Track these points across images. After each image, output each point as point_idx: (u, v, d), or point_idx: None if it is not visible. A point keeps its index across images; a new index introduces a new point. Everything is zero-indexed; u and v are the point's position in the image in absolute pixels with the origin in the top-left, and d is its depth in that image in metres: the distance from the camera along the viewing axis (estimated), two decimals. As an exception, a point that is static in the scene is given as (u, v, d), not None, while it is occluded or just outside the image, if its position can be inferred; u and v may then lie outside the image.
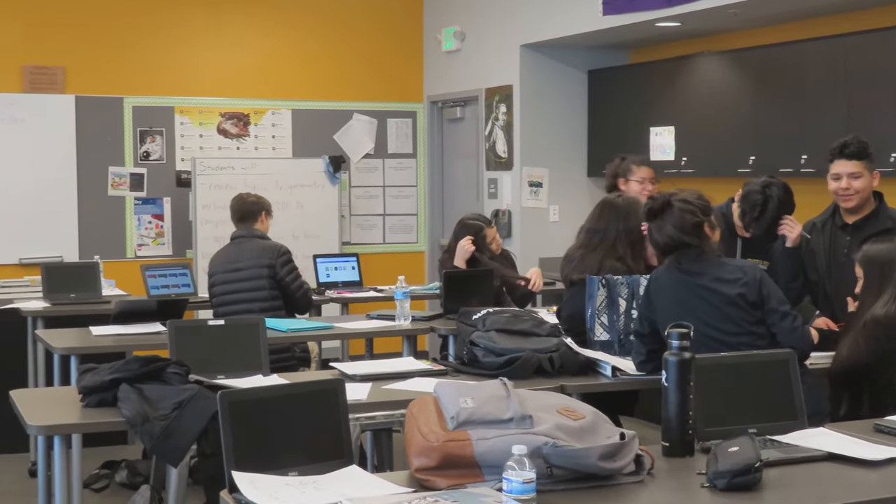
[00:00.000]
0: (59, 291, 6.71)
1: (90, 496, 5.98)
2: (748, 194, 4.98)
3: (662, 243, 4.15)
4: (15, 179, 8.69)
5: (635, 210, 4.81)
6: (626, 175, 6.19)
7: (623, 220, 4.89)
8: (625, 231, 4.88)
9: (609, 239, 4.90)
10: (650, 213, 4.17)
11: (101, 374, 3.75)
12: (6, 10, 8.70)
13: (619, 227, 4.89)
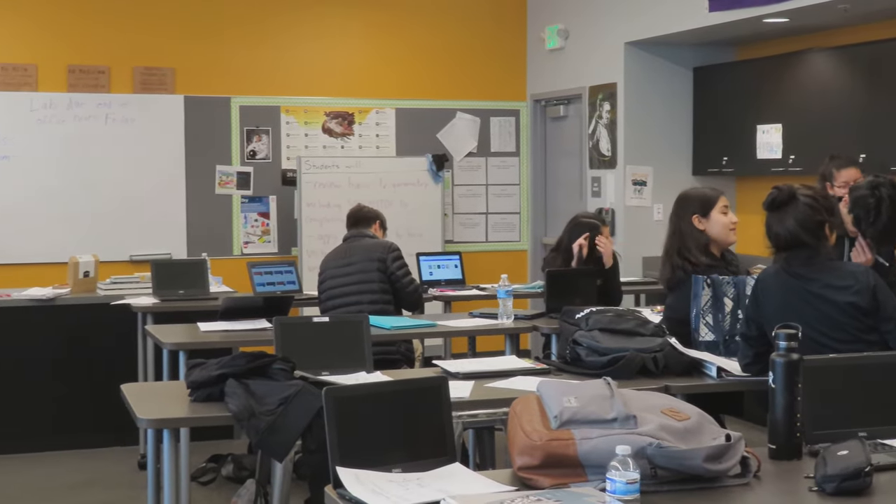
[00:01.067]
0: (168, 288, 6.84)
1: (197, 489, 6.08)
2: (858, 200, 4.79)
3: (781, 237, 4.04)
4: (126, 178, 8.89)
5: (706, 194, 4.85)
6: (830, 180, 5.85)
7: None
8: None
9: (687, 231, 4.91)
10: (773, 203, 4.06)
11: (208, 370, 3.80)
12: (119, 14, 8.91)
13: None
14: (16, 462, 6.79)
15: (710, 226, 4.95)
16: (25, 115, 8.69)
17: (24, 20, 8.72)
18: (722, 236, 4.98)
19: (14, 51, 8.69)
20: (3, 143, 8.65)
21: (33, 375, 7.00)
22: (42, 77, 8.75)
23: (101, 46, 8.86)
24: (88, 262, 7.18)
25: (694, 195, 5.10)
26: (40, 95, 8.73)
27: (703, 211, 4.98)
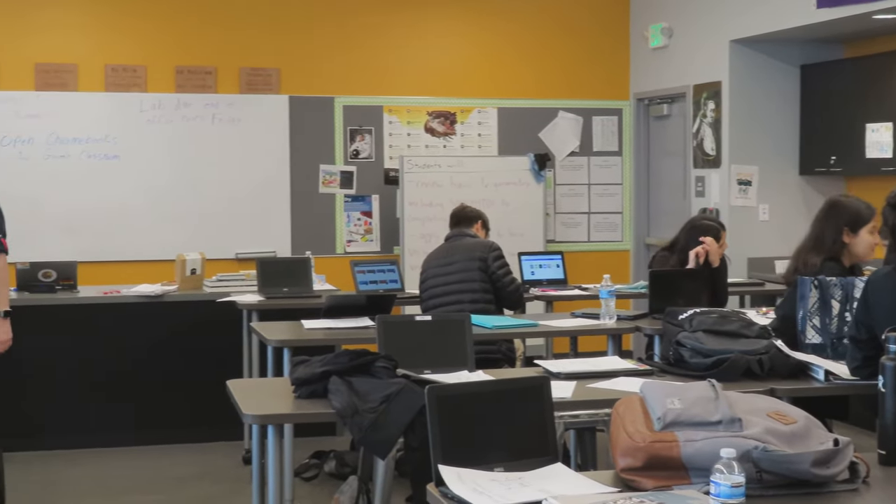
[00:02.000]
0: (273, 286, 6.93)
1: (300, 484, 6.15)
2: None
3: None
4: (232, 177, 9.03)
5: (861, 211, 4.70)
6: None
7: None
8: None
9: (829, 240, 4.80)
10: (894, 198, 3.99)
11: (312, 367, 3.84)
12: (226, 15, 9.05)
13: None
14: (124, 455, 6.95)
15: (856, 242, 4.86)
16: (135, 115, 8.88)
17: (134, 23, 8.91)
18: (862, 255, 4.90)
19: (124, 53, 8.88)
20: (113, 143, 8.85)
21: (142, 370, 7.15)
22: (151, 78, 8.93)
23: (208, 48, 9.02)
24: (195, 260, 7.31)
25: (850, 207, 4.95)
26: (149, 96, 8.91)
27: (854, 226, 4.88)
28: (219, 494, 6.16)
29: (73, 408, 7.07)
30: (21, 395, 6.86)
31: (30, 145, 8.71)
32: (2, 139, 8.64)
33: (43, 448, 6.94)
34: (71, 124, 8.77)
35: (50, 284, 7.04)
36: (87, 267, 7.74)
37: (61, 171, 8.75)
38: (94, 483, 6.40)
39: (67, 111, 8.76)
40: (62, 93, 8.76)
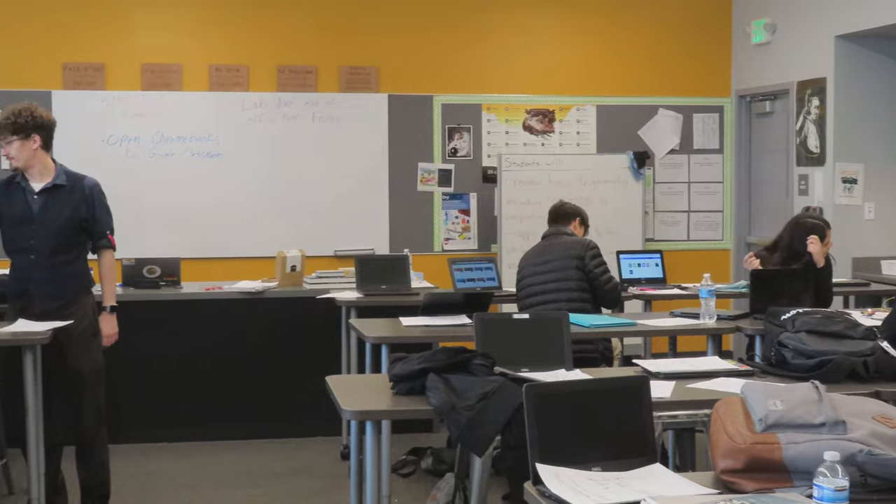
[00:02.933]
0: (371, 283, 6.97)
1: (397, 480, 6.18)
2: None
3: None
4: (331, 175, 9.11)
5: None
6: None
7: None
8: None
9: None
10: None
11: (410, 364, 3.86)
12: (326, 15, 9.13)
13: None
14: (225, 448, 7.05)
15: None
16: (237, 114, 9.01)
17: (237, 24, 9.04)
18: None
19: (227, 53, 9.01)
20: (215, 142, 8.99)
21: (242, 365, 7.25)
22: (253, 78, 9.05)
23: (309, 47, 9.11)
24: (295, 257, 7.39)
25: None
26: (251, 95, 9.03)
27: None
28: (317, 489, 6.22)
29: (176, 401, 7.20)
30: (126, 389, 7.00)
31: (136, 144, 8.88)
32: (109, 138, 8.83)
33: (147, 441, 7.08)
34: (175, 123, 8.93)
35: (154, 280, 7.18)
36: (190, 263, 7.87)
37: (165, 169, 8.91)
38: (196, 476, 6.51)
39: (172, 110, 8.92)
40: (167, 92, 8.92)
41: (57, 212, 5.36)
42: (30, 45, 8.69)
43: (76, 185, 5.43)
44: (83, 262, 5.53)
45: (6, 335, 5.15)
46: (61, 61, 8.75)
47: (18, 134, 5.28)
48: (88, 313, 5.48)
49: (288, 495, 6.12)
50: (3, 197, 5.39)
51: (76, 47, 8.77)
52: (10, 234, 5.43)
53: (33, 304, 5.38)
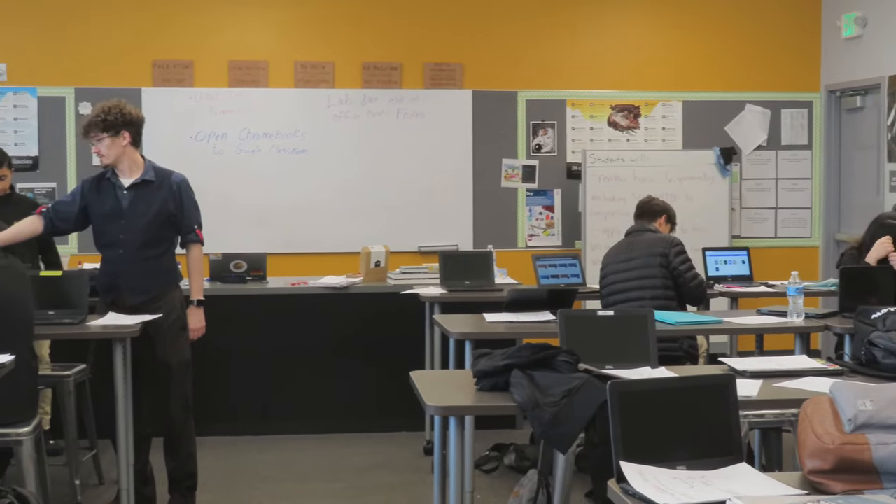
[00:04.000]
0: (455, 279, 6.99)
1: (480, 476, 6.19)
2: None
3: None
4: (415, 171, 9.14)
5: None
6: None
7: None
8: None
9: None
10: None
11: (494, 360, 3.85)
12: (411, 12, 9.16)
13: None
14: (308, 442, 7.11)
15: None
16: (322, 111, 9.08)
17: (323, 21, 9.11)
18: None
19: (313, 50, 9.09)
20: (301, 137, 9.07)
21: (327, 360, 7.31)
22: (339, 74, 9.11)
23: (393, 44, 9.15)
24: (380, 253, 7.43)
25: None
26: (337, 92, 9.09)
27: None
28: (400, 484, 6.25)
29: (261, 395, 7.28)
30: (212, 382, 7.10)
31: (223, 140, 9.00)
32: (197, 134, 8.95)
33: (233, 434, 7.17)
34: (262, 120, 9.02)
35: (241, 275, 7.27)
36: (276, 258, 7.95)
37: (252, 165, 9.01)
38: (280, 469, 6.58)
39: (259, 107, 9.02)
40: (254, 89, 9.02)
41: (145, 207, 5.44)
42: (120, 44, 8.85)
43: (164, 181, 5.51)
44: (171, 256, 5.61)
45: (97, 328, 5.25)
46: (151, 59, 8.89)
47: (108, 131, 5.38)
48: (177, 307, 5.57)
49: (370, 489, 6.16)
50: (93, 192, 5.49)
51: (165, 45, 8.91)
52: (100, 230, 5.53)
53: (123, 298, 5.48)
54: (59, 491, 5.73)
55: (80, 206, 5.50)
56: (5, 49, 8.73)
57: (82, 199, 5.50)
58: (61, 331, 5.32)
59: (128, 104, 5.51)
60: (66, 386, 5.85)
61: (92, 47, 8.82)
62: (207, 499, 5.91)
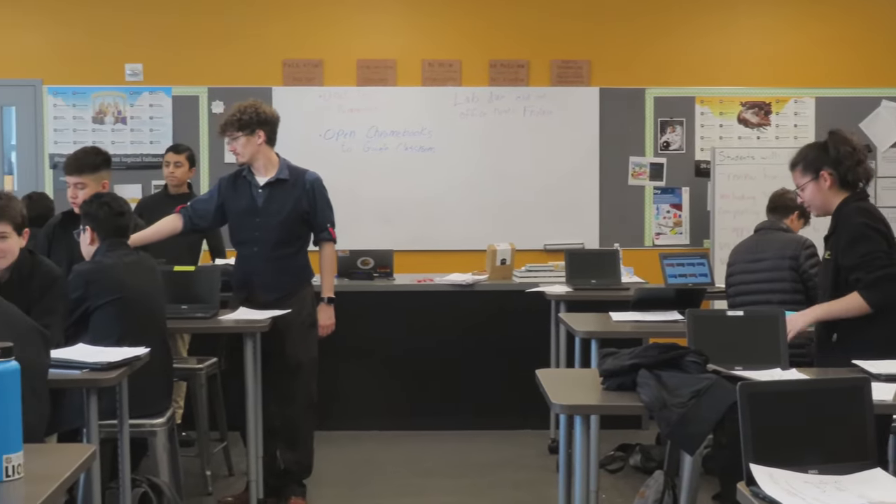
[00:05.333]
0: (581, 277, 6.96)
1: (605, 476, 6.15)
2: None
3: None
4: (542, 169, 9.12)
5: None
6: None
7: None
8: None
9: None
10: None
11: (621, 359, 3.83)
12: (539, 8, 9.13)
13: None
14: (433, 439, 7.15)
15: None
16: (449, 108, 9.11)
17: (450, 19, 9.13)
18: None
19: (440, 48, 9.12)
20: (428, 135, 9.12)
21: (452, 357, 7.34)
22: (465, 72, 9.13)
23: (521, 41, 9.14)
24: (505, 251, 7.44)
25: None
26: (463, 90, 9.12)
27: None
28: (524, 481, 6.24)
29: (387, 391, 7.35)
30: (341, 378, 7.19)
31: (351, 138, 9.10)
32: (325, 132, 9.07)
33: (358, 428, 7.25)
34: (389, 118, 9.10)
35: (368, 272, 7.35)
36: (402, 255, 8.01)
37: (379, 163, 9.09)
38: (404, 464, 6.63)
39: (386, 105, 9.10)
40: (382, 88, 9.10)
41: (280, 205, 5.54)
42: (252, 44, 9.00)
43: (298, 179, 5.60)
44: (304, 254, 5.70)
45: (228, 322, 5.36)
46: (281, 58, 9.03)
47: (244, 130, 5.48)
48: (308, 304, 5.66)
49: (495, 487, 6.17)
50: (230, 190, 5.61)
51: (295, 45, 9.04)
52: (236, 227, 5.64)
53: (256, 294, 5.58)
54: (190, 482, 5.86)
55: (217, 203, 5.62)
56: (142, 50, 8.96)
57: (219, 197, 5.62)
58: (193, 325, 5.45)
59: (263, 104, 5.61)
60: (198, 379, 5.99)
61: (224, 47, 8.99)
62: (331, 492, 5.99)
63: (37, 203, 6.59)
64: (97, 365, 4.12)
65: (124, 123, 8.99)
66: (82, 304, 4.75)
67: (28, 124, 9.00)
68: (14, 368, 2.78)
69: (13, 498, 2.68)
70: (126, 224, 5.10)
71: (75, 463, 2.91)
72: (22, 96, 8.98)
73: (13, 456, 2.76)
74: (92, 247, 4.97)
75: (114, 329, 4.71)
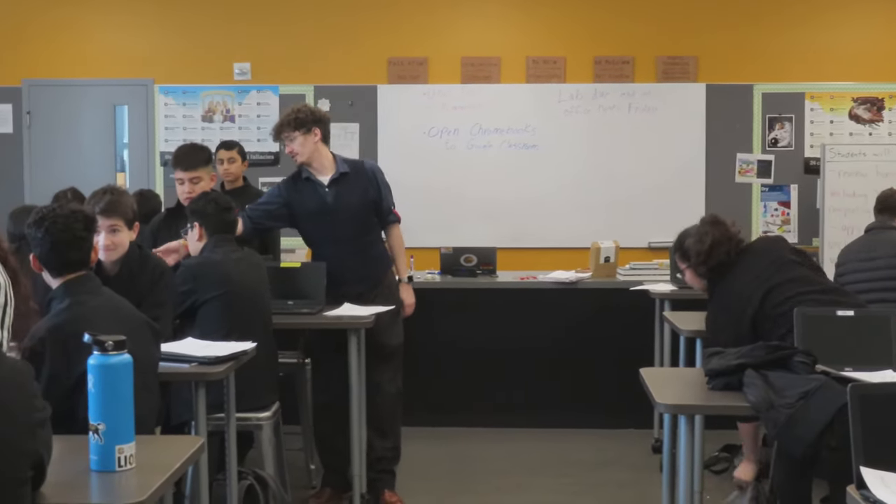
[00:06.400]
0: (686, 275, 6.88)
1: (709, 477, 6.08)
2: None
3: None
4: (646, 166, 9.04)
5: None
6: None
7: None
8: None
9: None
10: None
11: (727, 359, 3.79)
12: (644, 5, 9.06)
13: None
14: (536, 436, 7.14)
15: None
16: (553, 105, 9.08)
17: (554, 16, 9.10)
18: None
19: (544, 45, 9.10)
20: (532, 133, 9.10)
21: (555, 354, 7.32)
22: (570, 69, 9.09)
23: (625, 37, 9.07)
24: (609, 248, 7.39)
25: None
26: (568, 87, 9.08)
27: None
28: (627, 481, 6.20)
29: (489, 387, 7.35)
30: (444, 374, 7.22)
31: (455, 136, 9.12)
32: (430, 130, 9.10)
33: (462, 425, 7.27)
34: (493, 115, 9.10)
35: (471, 269, 7.36)
36: (505, 253, 8.01)
37: (483, 161, 9.10)
38: (507, 461, 6.63)
39: (490, 103, 9.10)
40: (486, 85, 9.10)
41: (349, 199, 5.60)
42: (357, 42, 9.08)
43: (359, 170, 5.68)
44: (381, 241, 5.79)
45: (333, 318, 5.41)
46: (386, 56, 9.09)
47: (300, 128, 5.55)
48: (394, 292, 5.74)
49: (598, 485, 6.14)
50: (294, 193, 5.65)
51: (400, 43, 9.09)
52: (310, 228, 5.70)
53: (347, 288, 5.63)
54: (294, 475, 5.92)
55: (279, 204, 5.66)
56: (249, 49, 9.10)
57: (281, 199, 5.66)
58: (299, 320, 5.51)
59: (312, 105, 5.72)
60: (303, 374, 6.05)
61: (330, 46, 9.08)
62: (435, 486, 6.02)
63: (146, 200, 6.73)
64: (205, 359, 4.19)
65: (232, 122, 9.14)
66: (190, 298, 4.84)
67: (140, 123, 9.20)
68: (127, 361, 2.85)
69: (125, 487, 2.74)
70: (233, 220, 5.19)
71: (184, 455, 2.97)
72: (134, 96, 9.18)
73: (126, 447, 2.82)
74: (200, 243, 5.06)
75: (221, 323, 4.79)
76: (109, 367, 2.81)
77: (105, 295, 3.80)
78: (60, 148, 9.18)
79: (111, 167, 9.24)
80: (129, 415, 2.85)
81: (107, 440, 2.80)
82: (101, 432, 2.79)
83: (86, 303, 3.66)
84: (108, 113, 9.24)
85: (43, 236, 3.66)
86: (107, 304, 3.77)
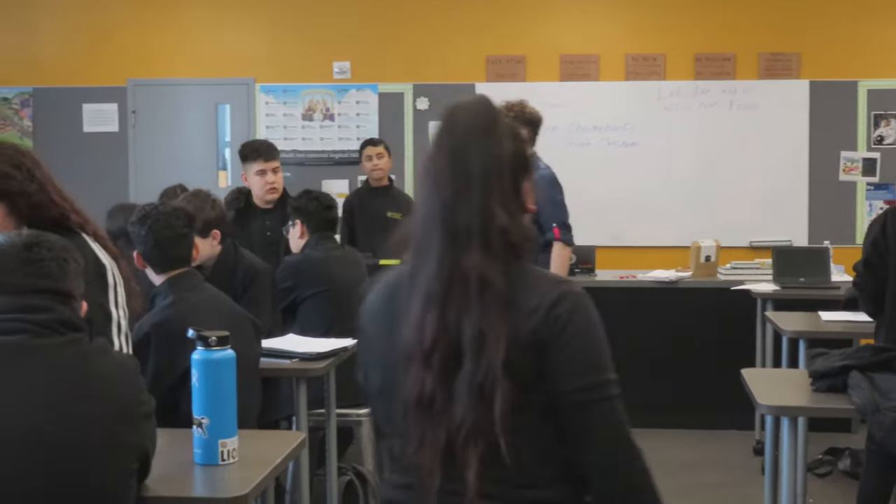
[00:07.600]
0: (789, 275, 6.80)
1: (812, 480, 5.98)
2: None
3: None
4: (748, 164, 8.91)
5: None
6: None
7: None
8: None
9: None
10: None
11: (831, 360, 3.72)
12: (745, 2, 8.94)
13: None
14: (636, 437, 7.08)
15: None
16: (653, 103, 9.01)
17: (654, 12, 9.02)
18: None
19: (644, 42, 9.03)
20: (631, 130, 9.04)
21: (656, 354, 7.27)
22: (670, 66, 9.01)
23: (726, 34, 8.95)
24: (710, 247, 7.32)
25: None
26: (667, 84, 9.00)
27: None
28: (728, 483, 6.14)
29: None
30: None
31: (553, 134, 9.06)
32: (528, 128, 9.09)
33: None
34: (592, 113, 9.05)
35: (570, 267, 7.33)
36: (604, 251, 7.97)
37: (582, 159, 9.05)
38: (607, 461, 6.58)
39: (589, 100, 9.06)
40: (584, 83, 9.06)
41: None
42: (456, 40, 9.10)
43: None
44: None
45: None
46: (484, 54, 9.10)
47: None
48: None
49: (699, 486, 6.08)
50: None
51: (499, 41, 9.09)
52: None
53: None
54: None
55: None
56: (349, 48, 9.18)
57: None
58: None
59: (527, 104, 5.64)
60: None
61: (429, 44, 9.12)
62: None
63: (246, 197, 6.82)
64: (306, 355, 4.24)
65: (332, 120, 9.22)
66: (291, 295, 4.90)
67: (241, 121, 9.34)
68: (231, 356, 2.89)
69: (228, 480, 2.79)
70: (335, 217, 5.24)
71: (286, 450, 3.01)
72: (236, 94, 9.32)
73: (228, 441, 2.87)
74: (301, 240, 5.12)
75: (321, 320, 4.84)
76: (213, 362, 2.86)
77: (207, 291, 3.87)
78: (164, 146, 9.35)
79: (213, 165, 9.40)
80: (232, 409, 2.89)
81: (210, 434, 2.85)
82: (205, 426, 2.84)
83: (189, 299, 3.73)
84: (211, 112, 9.40)
85: (146, 234, 3.74)
86: (209, 300, 3.83)
